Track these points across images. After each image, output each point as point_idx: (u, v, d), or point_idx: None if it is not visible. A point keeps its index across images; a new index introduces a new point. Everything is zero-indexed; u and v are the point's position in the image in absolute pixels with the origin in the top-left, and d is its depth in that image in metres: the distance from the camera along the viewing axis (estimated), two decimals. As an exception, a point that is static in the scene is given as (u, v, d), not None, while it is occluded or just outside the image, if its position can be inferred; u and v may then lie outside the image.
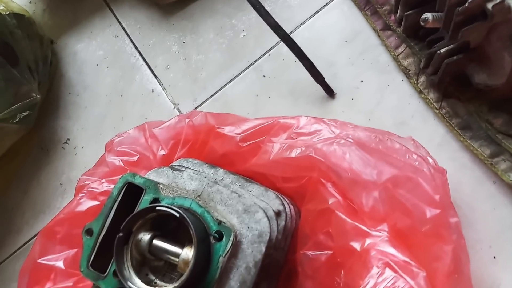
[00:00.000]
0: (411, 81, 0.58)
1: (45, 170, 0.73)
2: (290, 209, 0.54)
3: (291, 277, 0.51)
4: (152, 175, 0.53)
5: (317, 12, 0.66)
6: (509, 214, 0.51)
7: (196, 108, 0.69)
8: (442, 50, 0.50)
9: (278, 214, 0.51)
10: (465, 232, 0.51)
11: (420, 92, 0.57)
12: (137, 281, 0.46)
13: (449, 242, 0.46)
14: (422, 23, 0.51)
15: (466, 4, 0.42)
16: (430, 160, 0.49)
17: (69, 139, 0.74)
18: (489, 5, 0.42)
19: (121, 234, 0.46)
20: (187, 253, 0.45)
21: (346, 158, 0.49)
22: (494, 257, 0.50)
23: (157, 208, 0.46)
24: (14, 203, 0.74)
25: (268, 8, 0.67)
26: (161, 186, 0.49)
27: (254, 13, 0.60)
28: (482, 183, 0.53)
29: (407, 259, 0.41)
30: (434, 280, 0.45)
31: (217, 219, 0.46)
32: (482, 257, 0.50)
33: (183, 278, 0.43)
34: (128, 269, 0.46)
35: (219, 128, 0.58)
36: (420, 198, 0.47)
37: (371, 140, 0.50)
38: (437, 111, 0.55)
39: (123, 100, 0.73)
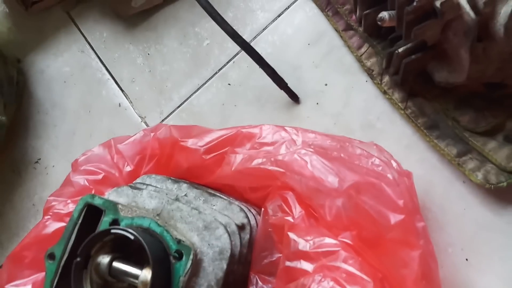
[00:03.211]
0: (375, 81, 0.56)
1: (18, 191, 0.72)
2: (256, 221, 0.52)
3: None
4: (112, 195, 0.52)
5: (279, 15, 0.64)
6: (480, 215, 0.49)
7: (163, 120, 0.67)
8: (400, 50, 0.48)
9: (241, 227, 0.50)
10: (436, 235, 0.50)
11: (385, 92, 0.55)
12: (97, 306, 0.45)
13: (416, 247, 0.44)
14: (379, 23, 0.49)
15: (414, 3, 0.41)
16: (394, 164, 0.47)
17: (40, 159, 0.73)
18: (438, 3, 0.40)
19: (78, 259, 0.45)
20: (146, 274, 0.44)
21: (307, 168, 0.48)
22: (467, 259, 0.49)
23: (113, 231, 0.45)
24: (-11, 226, 0.73)
25: (230, 14, 0.67)
26: (120, 206, 0.48)
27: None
28: (452, 184, 0.51)
29: (357, 272, 0.40)
30: (402, 287, 0.44)
31: (176, 238, 0.45)
32: (454, 261, 0.49)
33: (141, 301, 0.42)
34: (88, 295, 0.45)
35: (182, 141, 0.57)
36: (383, 204, 0.45)
37: (332, 147, 0.49)
38: (403, 112, 0.54)
39: (91, 116, 0.71)
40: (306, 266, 0.43)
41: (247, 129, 0.55)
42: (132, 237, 0.43)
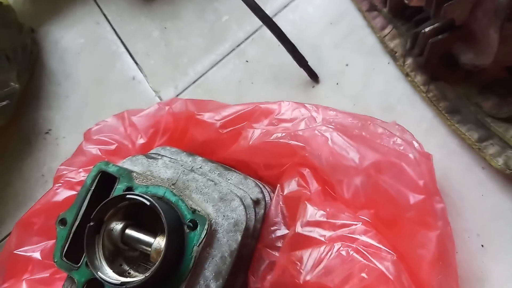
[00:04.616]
0: (398, 63, 0.55)
1: (27, 161, 0.72)
2: (270, 198, 0.52)
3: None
4: (126, 164, 0.51)
5: (301, -7, 0.64)
6: (498, 201, 0.49)
7: (177, 95, 0.67)
8: (427, 29, 0.48)
9: (256, 202, 0.49)
10: (453, 221, 0.49)
11: (407, 74, 0.54)
12: (108, 271, 0.44)
13: (434, 228, 0.44)
14: (406, 1, 0.48)
15: (448, -22, 0.40)
16: (416, 144, 0.47)
17: (51, 130, 0.72)
18: (472, -22, 0.39)
19: (91, 224, 0.45)
20: (159, 242, 0.43)
21: (327, 144, 0.47)
22: (482, 245, 0.48)
23: (128, 196, 0.44)
24: (-3, 195, 0.73)
25: (251, -9, 0.65)
26: (135, 174, 0.47)
27: (236, -5, 0.58)
28: (471, 170, 0.51)
29: (378, 244, 0.39)
30: (418, 267, 0.43)
31: (191, 208, 0.44)
32: (470, 246, 0.48)
33: (154, 268, 0.41)
34: (100, 259, 0.45)
35: (198, 115, 0.56)
36: (403, 183, 0.45)
37: (354, 125, 0.48)
38: (424, 95, 0.53)
39: (104, 88, 0.71)
40: (322, 234, 0.42)
41: (266, 105, 0.54)
42: (148, 203, 0.42)
